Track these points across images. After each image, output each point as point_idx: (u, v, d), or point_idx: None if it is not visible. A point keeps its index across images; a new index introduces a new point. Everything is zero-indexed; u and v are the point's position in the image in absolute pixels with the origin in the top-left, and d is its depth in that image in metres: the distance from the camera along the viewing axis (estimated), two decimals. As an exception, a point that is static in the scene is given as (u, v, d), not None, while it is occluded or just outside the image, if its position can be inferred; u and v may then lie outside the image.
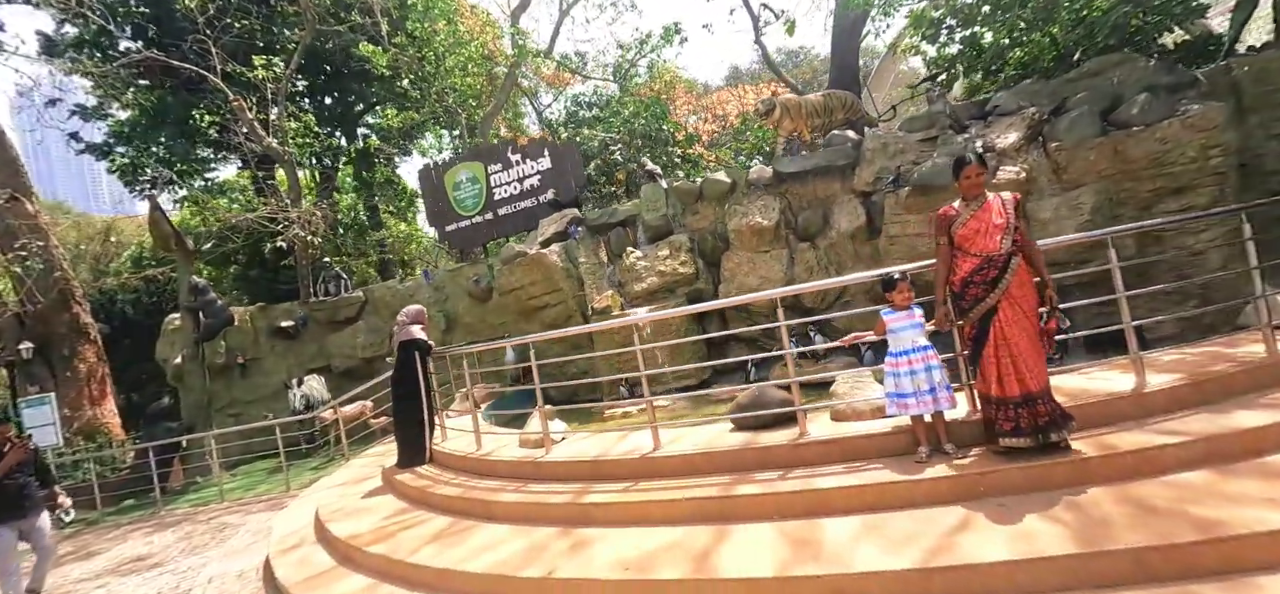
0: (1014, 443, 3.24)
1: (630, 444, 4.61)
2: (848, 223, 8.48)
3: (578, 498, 4.08)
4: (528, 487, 4.60)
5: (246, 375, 14.58)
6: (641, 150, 13.49)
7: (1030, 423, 3.19)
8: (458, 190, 12.77)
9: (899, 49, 16.03)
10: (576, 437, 5.39)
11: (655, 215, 10.25)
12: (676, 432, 4.72)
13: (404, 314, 6.59)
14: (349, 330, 14.19)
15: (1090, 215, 6.36)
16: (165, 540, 7.52)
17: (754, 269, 9.24)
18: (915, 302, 3.70)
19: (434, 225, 13.61)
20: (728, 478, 3.80)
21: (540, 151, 11.97)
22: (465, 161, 12.86)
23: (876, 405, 3.97)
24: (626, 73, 18.58)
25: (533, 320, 10.63)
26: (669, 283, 9.57)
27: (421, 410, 6.33)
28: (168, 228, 11.60)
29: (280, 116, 13.53)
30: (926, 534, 2.83)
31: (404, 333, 6.45)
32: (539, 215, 11.70)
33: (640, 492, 3.94)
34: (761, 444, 3.94)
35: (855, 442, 3.69)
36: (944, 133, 7.56)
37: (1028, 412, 3.20)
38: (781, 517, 3.36)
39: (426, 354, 6.47)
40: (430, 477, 5.63)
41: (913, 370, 3.51)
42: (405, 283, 13.68)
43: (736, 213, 9.45)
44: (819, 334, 8.46)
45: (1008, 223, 3.39)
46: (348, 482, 6.91)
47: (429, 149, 22.76)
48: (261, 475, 11.28)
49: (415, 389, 6.33)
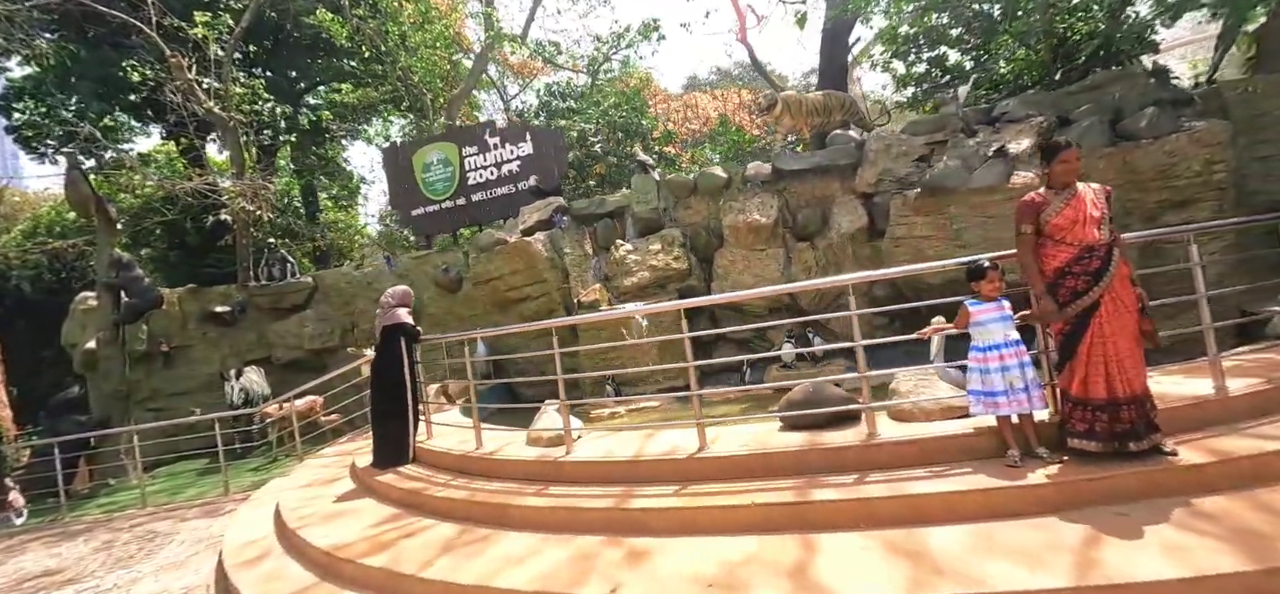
0: (1083, 445, 3.02)
1: (668, 443, 4.15)
2: (849, 223, 8.34)
3: (622, 502, 3.58)
4: (549, 490, 4.06)
5: (170, 365, 13.06)
6: (623, 143, 13.03)
7: (1106, 429, 2.98)
8: (427, 172, 11.89)
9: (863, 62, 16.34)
10: (592, 435, 4.87)
11: (646, 207, 9.83)
12: (714, 430, 4.30)
13: (389, 295, 5.86)
14: (295, 319, 12.96)
15: (1099, 224, 6.42)
16: (78, 552, 6.41)
17: (749, 267, 8.97)
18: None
19: (397, 208, 12.65)
20: (793, 481, 3.41)
21: (521, 136, 11.30)
22: (437, 142, 12.00)
23: (945, 405, 3.68)
24: (600, 66, 18.10)
25: (509, 313, 9.96)
26: (660, 278, 9.16)
27: (406, 404, 5.63)
28: (87, 191, 10.17)
29: (226, 79, 12.20)
30: (1058, 547, 2.52)
31: (388, 316, 5.73)
32: (518, 202, 11.04)
33: (692, 496, 3.49)
34: (826, 444, 3.58)
35: (934, 443, 3.38)
36: (955, 136, 7.53)
37: (1108, 417, 2.98)
38: (868, 525, 2.99)
39: (414, 341, 5.77)
40: (420, 478, 4.95)
41: (1004, 367, 3.23)
42: (362, 269, 12.62)
43: (732, 209, 9.17)
44: (817, 335, 8.26)
45: (1104, 213, 3.17)
46: (311, 484, 6.08)
47: (376, 137, 21.41)
48: (189, 478, 10.02)
49: (400, 380, 5.63)
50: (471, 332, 5.98)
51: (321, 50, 17.87)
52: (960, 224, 6.98)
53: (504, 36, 16.16)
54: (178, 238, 17.13)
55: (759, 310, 8.92)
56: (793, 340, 8.09)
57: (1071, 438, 3.10)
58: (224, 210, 11.26)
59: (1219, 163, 6.07)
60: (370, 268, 12.43)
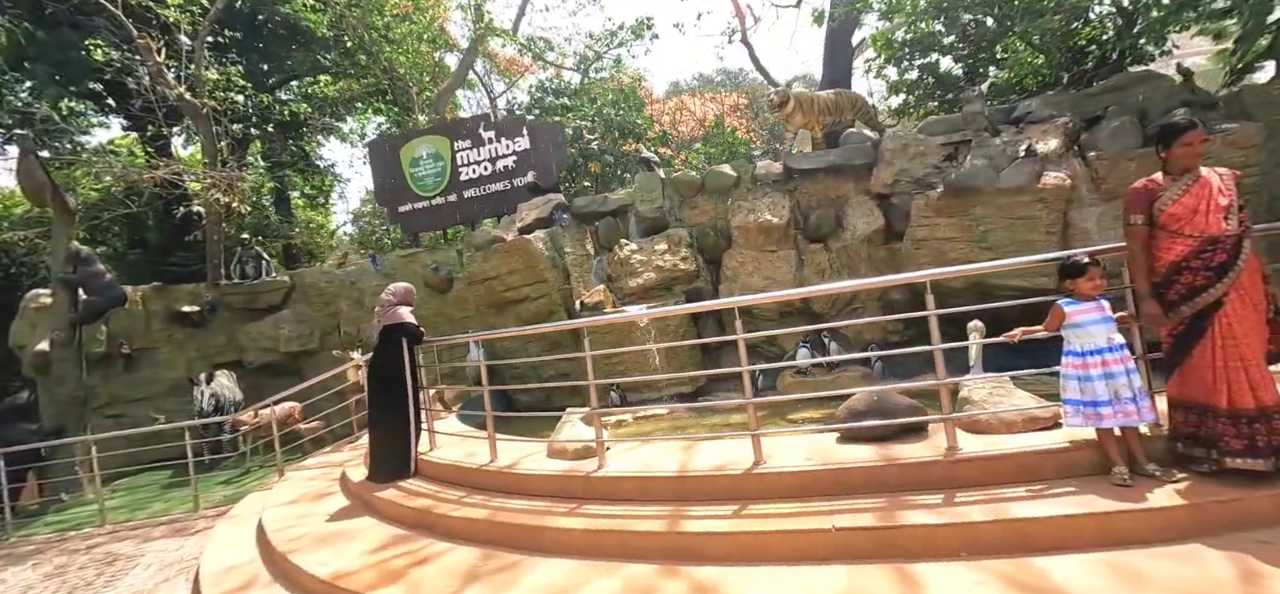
0: (1248, 465, 2.69)
1: (717, 457, 3.73)
2: (865, 225, 8.07)
3: (674, 525, 3.15)
4: (582, 509, 3.61)
5: (132, 368, 12.15)
6: (619, 141, 12.63)
7: (1268, 442, 2.66)
8: (415, 167, 11.30)
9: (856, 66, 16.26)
10: (620, 447, 4.43)
11: (650, 206, 9.43)
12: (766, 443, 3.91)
13: (390, 292, 5.33)
14: (270, 320, 12.22)
15: (1130, 227, 6.25)
16: (27, 578, 5.70)
17: (759, 269, 8.63)
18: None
19: (383, 204, 12.00)
20: (872, 501, 3.03)
21: (518, 130, 10.80)
22: (427, 136, 11.42)
23: (1028, 415, 3.36)
24: (591, 64, 17.69)
25: (506, 314, 9.44)
26: (667, 279, 8.76)
27: (408, 411, 5.11)
28: (43, 178, 9.33)
29: (198, 62, 11.43)
30: (1217, 584, 2.19)
31: (389, 315, 5.20)
32: (513, 200, 10.53)
33: (755, 517, 3.09)
34: (904, 459, 3.21)
35: (1027, 459, 3.04)
36: (980, 134, 7.32)
37: (1265, 428, 2.67)
38: (971, 554, 2.63)
39: (417, 341, 5.26)
40: (427, 494, 4.45)
41: (1109, 374, 2.91)
42: (345, 267, 11.94)
43: (741, 209, 8.83)
44: (833, 341, 7.95)
45: (1233, 201, 2.88)
46: (296, 499, 5.49)
47: (350, 134, 20.59)
48: (153, 491, 9.23)
49: (401, 384, 5.10)
50: (469, 333, 5.48)
51: (297, 41, 17.10)
52: (987, 226, 6.75)
53: (494, 30, 15.65)
54: (138, 235, 16.13)
55: (770, 315, 8.60)
56: (809, 347, 7.77)
57: (1230, 457, 2.69)
58: (196, 202, 10.48)
59: (1253, 166, 5.95)
60: (354, 266, 11.75)
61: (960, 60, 15.12)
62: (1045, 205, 6.38)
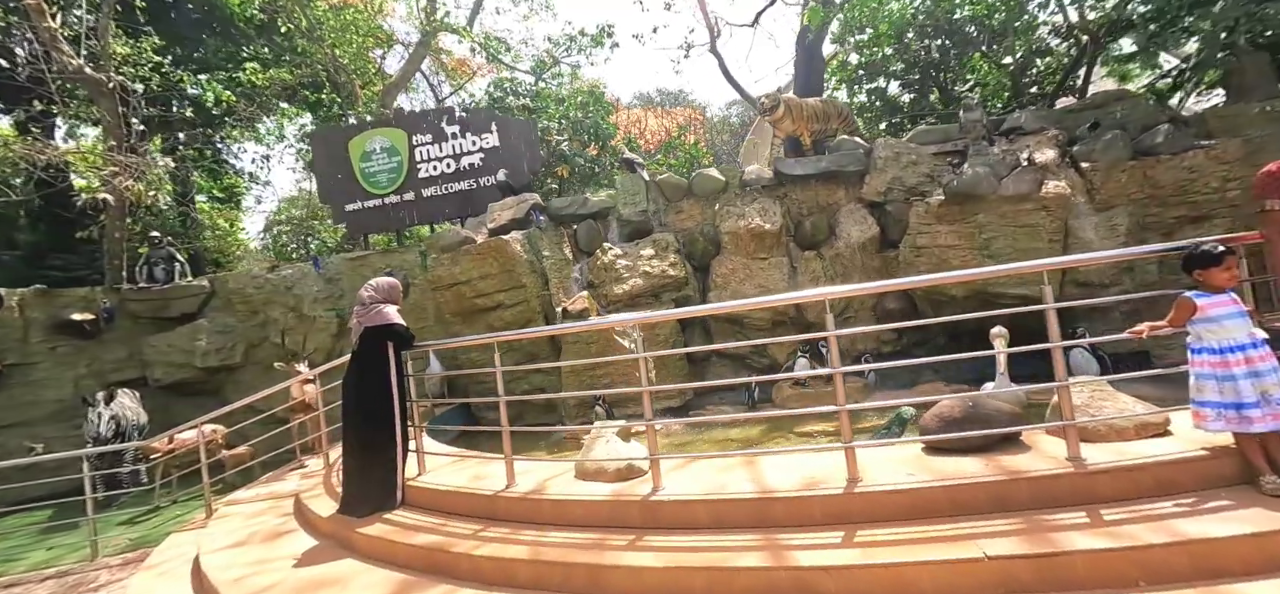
0: None
1: (787, 474, 3.23)
2: (859, 232, 7.93)
3: (780, 558, 2.61)
4: (646, 539, 3.00)
5: (4, 386, 10.19)
6: (587, 145, 12.07)
7: None
8: (367, 162, 10.22)
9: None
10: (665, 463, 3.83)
11: (633, 210, 8.92)
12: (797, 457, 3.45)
13: (372, 288, 4.50)
14: (185, 330, 10.62)
15: (1125, 236, 6.40)
16: None
17: (751, 277, 8.29)
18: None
19: (328, 203, 10.78)
20: (1007, 522, 2.63)
21: (486, 125, 9.99)
22: (380, 128, 10.37)
23: (1140, 421, 3.09)
24: (548, 69, 17.04)
25: (475, 323, 8.58)
26: (655, 286, 8.24)
27: (395, 430, 4.28)
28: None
29: (103, 31, 9.86)
30: None
31: (373, 315, 4.37)
32: (478, 200, 9.71)
33: (877, 545, 2.60)
34: (1026, 472, 2.84)
35: (1163, 470, 2.74)
36: (977, 143, 7.34)
37: None
38: (1152, 583, 2.26)
39: (407, 346, 4.45)
40: (428, 528, 3.66)
41: (1254, 372, 2.66)
42: (281, 271, 10.59)
43: (731, 214, 8.49)
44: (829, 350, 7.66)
45: None
46: (243, 540, 4.47)
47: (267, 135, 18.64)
48: (27, 538, 7.58)
49: (385, 398, 4.28)
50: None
51: (213, 27, 15.36)
52: (990, 233, 6.73)
53: (447, 26, 14.72)
54: (6, 234, 13.76)
55: (761, 324, 8.26)
56: (806, 356, 7.46)
57: None
58: (98, 193, 8.91)
59: (1234, 180, 6.24)
60: (291, 269, 10.44)
61: (907, 87, 15.81)
62: (1048, 213, 6.43)
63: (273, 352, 10.68)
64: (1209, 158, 6.26)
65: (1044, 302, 2.96)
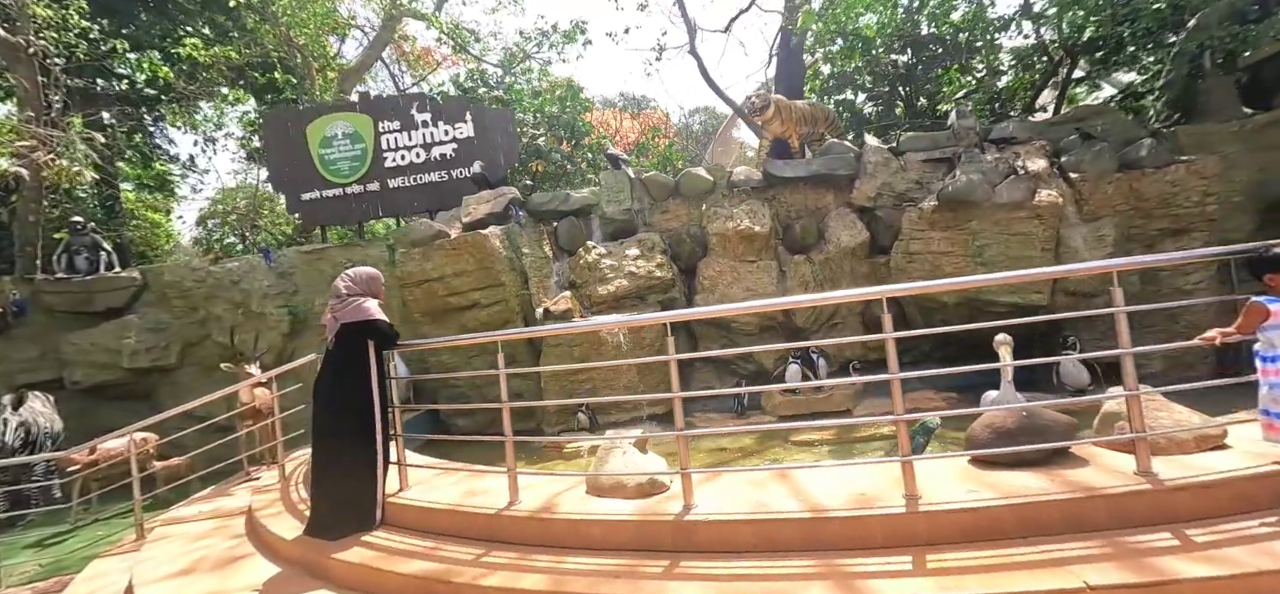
0: None
1: (839, 491, 2.93)
2: (849, 237, 7.82)
3: (850, 585, 2.29)
4: (684, 564, 2.64)
5: (-114, 389, 8.88)
6: (563, 141, 11.63)
7: None
8: (327, 148, 9.45)
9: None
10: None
11: (617, 208, 8.55)
12: (837, 471, 3.19)
13: (349, 278, 3.96)
14: (111, 327, 9.55)
15: (1113, 247, 6.49)
16: None
17: (738, 280, 8.06)
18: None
19: (281, 190, 9.93)
20: (1087, 544, 2.40)
21: (460, 114, 9.39)
22: (343, 112, 9.62)
23: (1199, 432, 2.95)
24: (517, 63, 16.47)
25: (446, 323, 7.99)
26: (641, 287, 7.89)
27: (375, 440, 3.75)
28: None
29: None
30: None
31: (351, 309, 3.84)
32: (450, 193, 9.13)
33: (954, 572, 2.33)
34: (1100, 489, 2.63)
35: (1239, 485, 2.58)
36: (970, 150, 7.34)
37: None
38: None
39: (388, 346, 3.94)
40: (420, 553, 3.18)
41: (1330, 378, 2.55)
42: (225, 263, 9.68)
43: (718, 215, 8.25)
44: (821, 358, 7.52)
45: None
46: (189, 567, 3.83)
47: (204, 122, 17.19)
48: (-86, 560, 6.52)
49: (365, 404, 3.75)
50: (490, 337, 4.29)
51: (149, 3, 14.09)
52: (983, 241, 6.71)
53: (413, 11, 14.00)
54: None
55: (748, 329, 8.04)
56: (798, 362, 7.26)
57: None
58: (16, 167, 7.86)
59: (1213, 194, 6.43)
60: (238, 262, 9.53)
61: (873, 99, 16.10)
62: (1041, 222, 6.45)
63: (215, 352, 9.72)
64: (1190, 172, 6.43)
65: (1115, 304, 2.77)
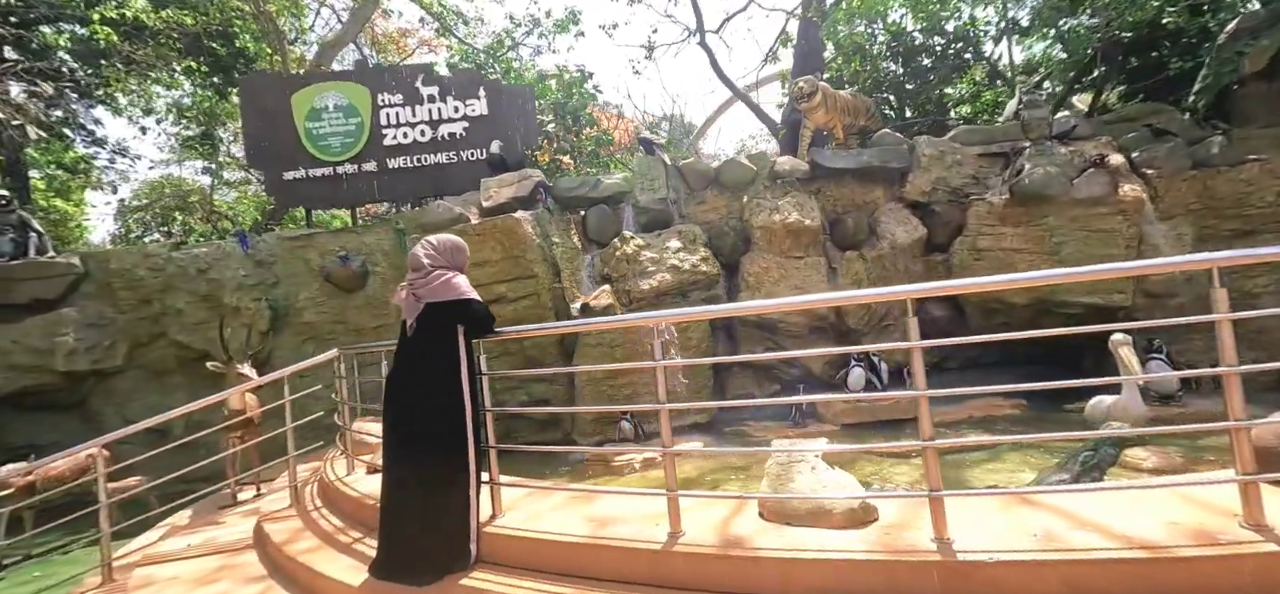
0: None
1: (1145, 521, 2.30)
2: (904, 234, 7.37)
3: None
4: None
5: None
6: (571, 129, 10.82)
7: None
8: (315, 121, 8.29)
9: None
10: (888, 503, 2.76)
11: (652, 197, 7.83)
12: (1101, 496, 2.58)
13: (430, 247, 3.07)
14: (39, 321, 8.04)
15: (1191, 247, 6.27)
16: None
17: (785, 277, 7.46)
18: None
19: (259, 166, 8.69)
20: None
21: (473, 90, 8.41)
22: (336, 81, 8.49)
23: None
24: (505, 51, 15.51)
25: (462, 321, 7.00)
26: (684, 282, 7.18)
27: (468, 454, 2.88)
28: None
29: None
30: None
31: (437, 284, 2.96)
32: (458, 176, 8.18)
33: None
34: None
35: None
36: (1042, 141, 7.00)
37: None
38: None
39: (481, 334, 3.07)
40: None
41: None
42: (190, 250, 8.34)
43: (763, 208, 7.65)
44: (882, 361, 6.99)
45: None
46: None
47: (129, 108, 15.24)
48: None
49: (456, 406, 2.88)
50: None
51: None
52: (1060, 237, 6.36)
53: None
54: None
55: (796, 330, 7.45)
56: (862, 366, 6.71)
57: None
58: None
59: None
60: (206, 248, 8.21)
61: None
62: (1124, 218, 6.16)
63: (168, 353, 8.37)
64: (1264, 171, 6.29)
65: (1217, 308, 2.23)
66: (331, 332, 8.15)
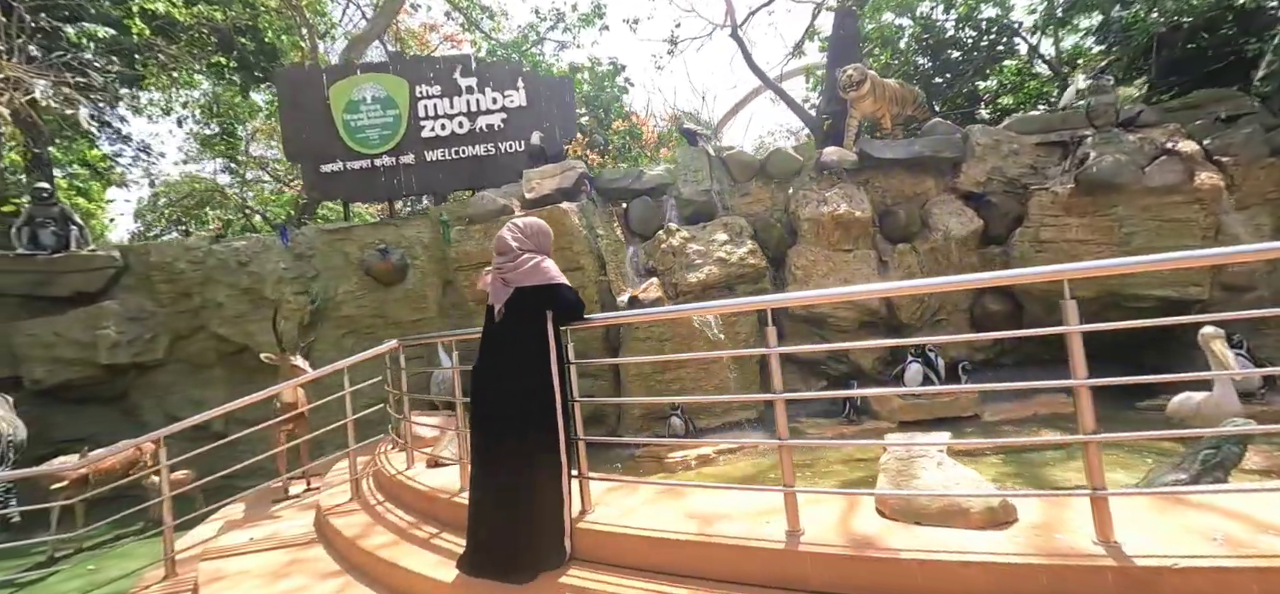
0: None
1: None
2: (958, 225, 7.14)
3: None
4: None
5: None
6: (604, 123, 10.68)
7: None
8: (353, 113, 8.20)
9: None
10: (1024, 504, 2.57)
11: (695, 188, 7.66)
12: None
13: (518, 230, 2.93)
14: (81, 314, 8.01)
15: (1271, 235, 5.99)
16: None
17: (834, 270, 7.27)
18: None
19: (297, 159, 8.62)
20: None
21: (511, 81, 8.29)
22: (373, 73, 8.39)
23: None
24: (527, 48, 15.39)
25: (505, 314, 6.88)
26: (732, 275, 7.01)
27: (560, 445, 2.73)
28: None
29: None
30: None
31: (526, 269, 2.82)
32: (496, 168, 8.06)
33: None
34: None
35: None
36: (1109, 129, 6.74)
37: None
38: None
39: (572, 319, 2.92)
40: None
41: None
42: (230, 243, 8.30)
43: (810, 199, 7.45)
44: (938, 356, 6.77)
45: None
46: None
47: (149, 105, 15.12)
48: None
49: (546, 397, 2.74)
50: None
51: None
52: (1130, 228, 6.10)
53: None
54: None
55: (845, 325, 7.25)
56: (919, 361, 6.50)
57: None
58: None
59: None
60: (244, 241, 8.17)
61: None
62: (1201, 207, 5.89)
63: (207, 346, 8.34)
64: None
65: None
66: (370, 326, 8.07)
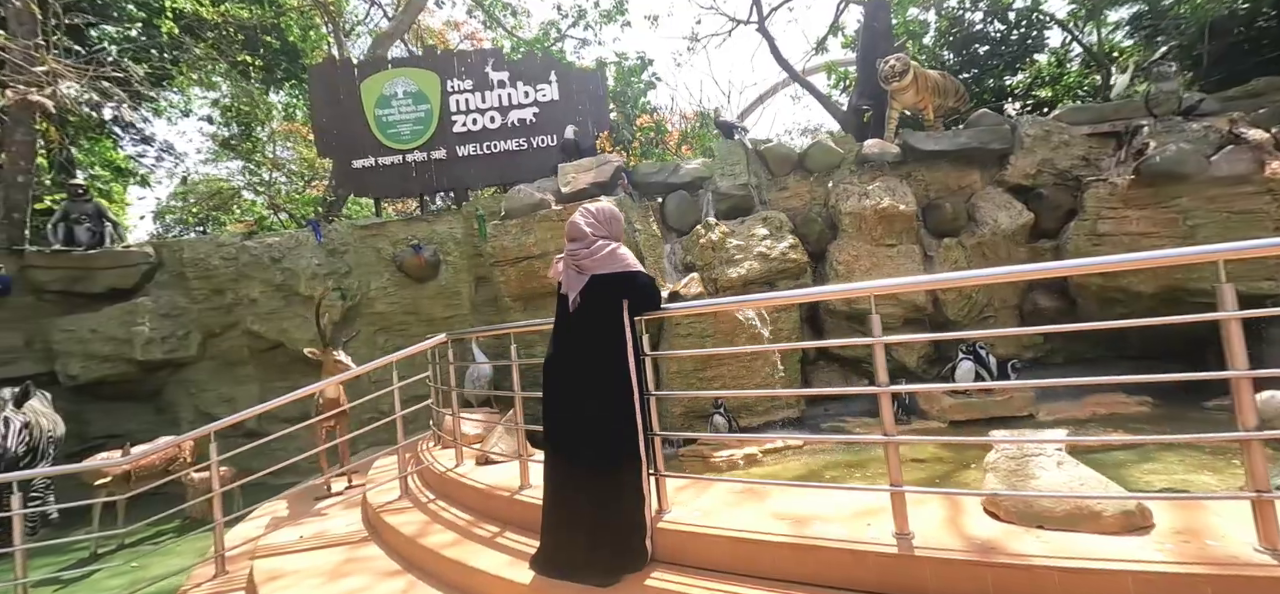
0: None
1: None
2: (1007, 219, 6.91)
3: None
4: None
5: None
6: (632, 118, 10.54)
7: None
8: (384, 108, 8.14)
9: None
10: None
11: (732, 182, 7.49)
12: None
13: (590, 216, 2.80)
14: (117, 310, 8.03)
15: (1345, 230, 5.70)
16: None
17: (877, 266, 7.07)
18: None
19: (328, 155, 8.57)
20: None
21: (543, 74, 8.19)
22: (405, 68, 8.32)
23: None
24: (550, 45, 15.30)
25: (541, 309, 6.78)
26: (773, 271, 6.84)
27: (638, 442, 2.59)
28: None
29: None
30: None
31: (601, 256, 2.69)
32: (528, 163, 7.95)
33: None
34: None
35: None
36: (1170, 118, 6.49)
37: None
38: None
39: (647, 309, 2.77)
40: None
41: None
42: (263, 239, 8.28)
43: (851, 193, 7.25)
44: (989, 352, 6.54)
45: None
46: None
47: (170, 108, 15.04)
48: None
49: (623, 391, 2.59)
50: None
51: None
52: (1195, 220, 5.85)
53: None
54: None
55: (890, 320, 7.04)
56: (970, 358, 6.28)
57: None
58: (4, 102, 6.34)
59: None
60: (278, 237, 8.14)
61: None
62: (1274, 198, 5.63)
63: (240, 343, 8.32)
64: None
65: None
66: (403, 322, 8.01)
